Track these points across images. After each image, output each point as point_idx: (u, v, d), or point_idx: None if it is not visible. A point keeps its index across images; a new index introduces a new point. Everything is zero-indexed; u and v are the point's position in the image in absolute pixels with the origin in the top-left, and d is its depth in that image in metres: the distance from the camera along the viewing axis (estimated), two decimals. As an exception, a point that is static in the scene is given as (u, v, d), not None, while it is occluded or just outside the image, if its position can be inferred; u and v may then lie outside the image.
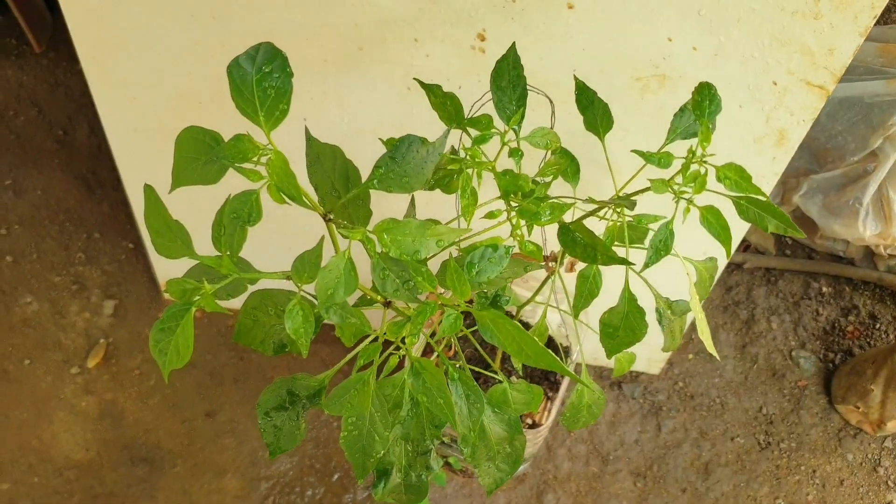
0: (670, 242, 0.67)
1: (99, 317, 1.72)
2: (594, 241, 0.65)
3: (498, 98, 0.69)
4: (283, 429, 0.80)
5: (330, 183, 0.75)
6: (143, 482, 1.58)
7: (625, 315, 0.74)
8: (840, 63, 0.99)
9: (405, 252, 0.58)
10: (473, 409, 0.68)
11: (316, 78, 1.13)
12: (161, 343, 0.61)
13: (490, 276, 0.63)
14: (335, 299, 0.59)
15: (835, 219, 1.72)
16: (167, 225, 0.62)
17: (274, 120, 0.55)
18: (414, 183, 0.60)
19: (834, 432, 1.67)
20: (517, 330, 0.60)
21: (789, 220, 0.65)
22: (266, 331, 0.84)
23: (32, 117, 1.92)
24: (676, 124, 0.71)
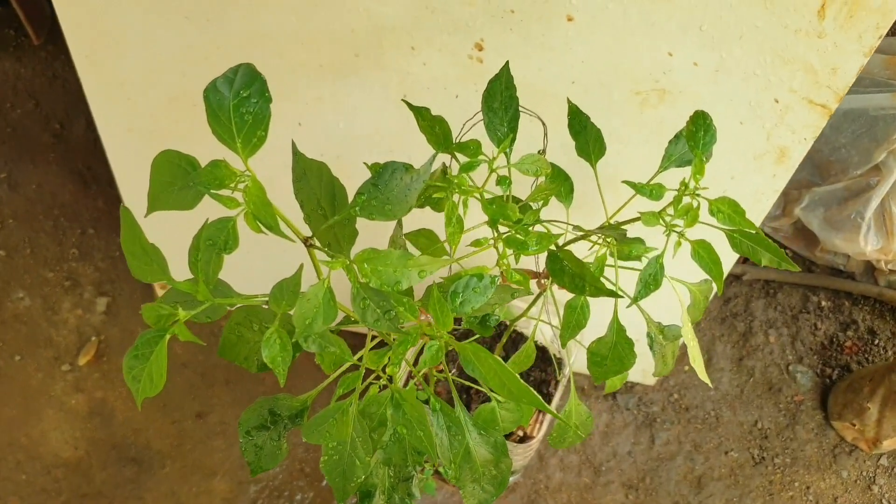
0: (660, 277, 0.65)
1: (91, 314, 1.71)
2: (583, 271, 0.63)
3: (489, 119, 0.68)
4: (265, 448, 0.79)
5: (316, 200, 0.73)
6: (132, 483, 1.57)
7: (613, 345, 0.73)
8: (843, 82, 0.97)
9: (386, 283, 0.57)
10: (454, 441, 0.66)
11: (311, 83, 1.12)
12: (134, 370, 0.59)
13: (474, 306, 0.61)
14: (314, 329, 0.57)
15: (836, 232, 1.70)
16: (143, 248, 0.60)
17: (251, 147, 0.53)
18: (397, 210, 0.59)
19: (829, 449, 1.66)
20: (499, 365, 0.58)
21: (783, 255, 0.64)
22: (250, 347, 0.82)
23: (29, 110, 1.91)
24: (671, 151, 0.69)
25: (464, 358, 0.61)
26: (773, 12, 0.90)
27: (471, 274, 0.62)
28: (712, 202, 0.64)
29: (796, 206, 1.74)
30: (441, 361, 0.62)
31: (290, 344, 0.63)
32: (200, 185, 0.54)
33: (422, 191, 0.74)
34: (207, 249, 0.57)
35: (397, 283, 0.56)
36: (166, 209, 0.56)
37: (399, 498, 0.80)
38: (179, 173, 0.56)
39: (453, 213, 0.61)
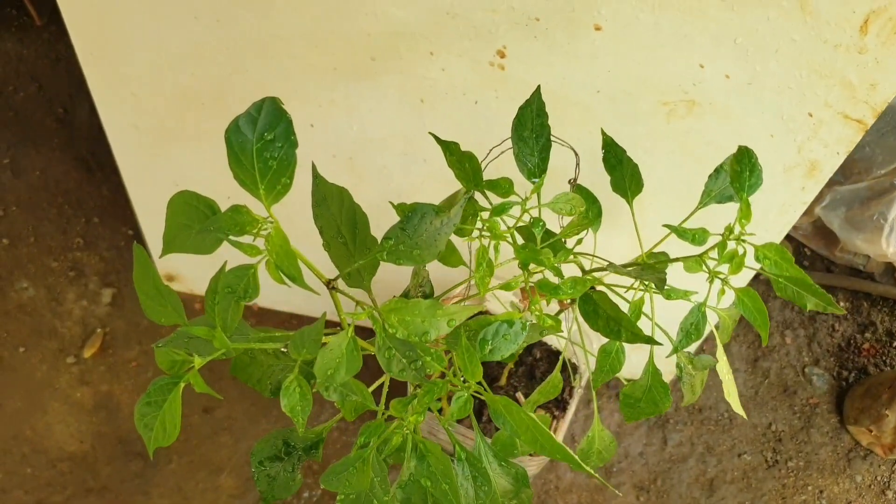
0: (702, 327, 0.62)
1: (96, 305, 1.68)
2: (619, 315, 0.60)
3: (519, 149, 0.64)
4: (278, 479, 0.77)
5: (336, 227, 0.70)
6: (138, 478, 1.56)
7: (647, 389, 0.70)
8: (882, 98, 0.93)
9: (413, 333, 0.53)
10: (480, 492, 0.64)
11: (324, 85, 1.07)
12: (147, 418, 0.56)
13: (504, 354, 0.58)
14: (335, 380, 0.54)
15: (857, 233, 1.66)
16: (157, 289, 0.57)
17: (275, 194, 0.50)
18: (426, 255, 0.55)
19: (843, 453, 1.64)
20: (531, 421, 0.55)
21: (830, 299, 0.61)
22: (263, 370, 0.79)
23: (32, 93, 1.86)
24: (711, 187, 0.66)
25: (494, 411, 0.58)
26: (813, 27, 0.86)
27: (501, 320, 0.59)
28: (758, 248, 0.61)
29: (817, 205, 1.70)
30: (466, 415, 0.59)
31: (310, 393, 0.60)
32: (220, 232, 0.50)
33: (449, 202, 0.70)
34: (226, 297, 0.54)
35: (425, 333, 0.54)
36: (183, 252, 0.53)
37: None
38: (197, 216, 0.53)
39: (483, 257, 0.58)
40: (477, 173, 0.60)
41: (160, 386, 0.55)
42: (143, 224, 1.53)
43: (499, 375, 1.29)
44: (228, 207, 0.51)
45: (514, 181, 0.61)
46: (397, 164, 1.18)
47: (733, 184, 0.60)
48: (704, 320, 0.62)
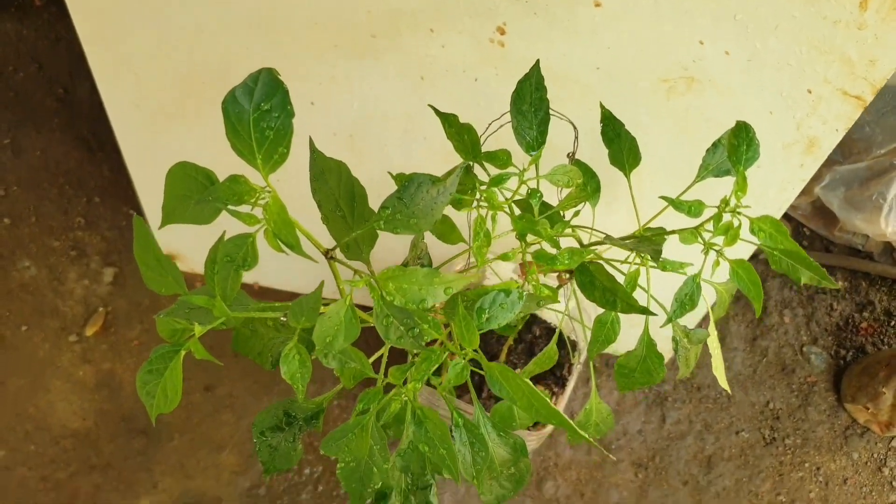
0: (697, 297, 0.62)
1: (98, 284, 1.69)
2: (614, 286, 0.60)
3: (518, 123, 0.64)
4: (279, 449, 0.78)
5: (334, 200, 0.70)
6: (140, 454, 1.57)
7: (642, 359, 0.70)
8: (881, 75, 0.93)
9: (411, 301, 0.54)
10: (477, 457, 0.64)
11: (325, 63, 1.08)
12: (148, 385, 0.57)
13: (501, 322, 0.59)
14: (334, 347, 0.55)
15: (856, 213, 1.66)
16: (157, 259, 0.57)
17: (272, 163, 0.50)
18: (422, 224, 0.56)
19: (840, 430, 1.65)
20: (527, 387, 0.56)
21: (823, 273, 0.61)
22: (264, 343, 0.80)
23: (32, 73, 1.86)
24: (708, 161, 0.66)
25: (491, 378, 0.59)
26: (813, 3, 0.86)
27: (498, 289, 0.59)
28: (754, 221, 0.62)
29: (817, 185, 1.70)
30: (463, 381, 0.60)
31: (309, 360, 0.61)
32: (219, 202, 0.51)
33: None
34: (225, 266, 0.55)
35: (422, 301, 0.54)
36: (182, 223, 0.54)
37: (416, 500, 0.79)
38: (196, 187, 0.53)
39: (481, 227, 0.58)
40: (475, 145, 0.61)
41: (161, 354, 0.56)
42: (144, 203, 1.54)
43: (498, 352, 1.30)
44: (227, 177, 0.52)
45: (512, 154, 0.61)
46: (397, 142, 1.18)
47: (730, 157, 0.60)
48: (699, 291, 0.62)
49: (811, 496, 1.60)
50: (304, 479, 1.57)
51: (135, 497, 1.54)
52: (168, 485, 1.55)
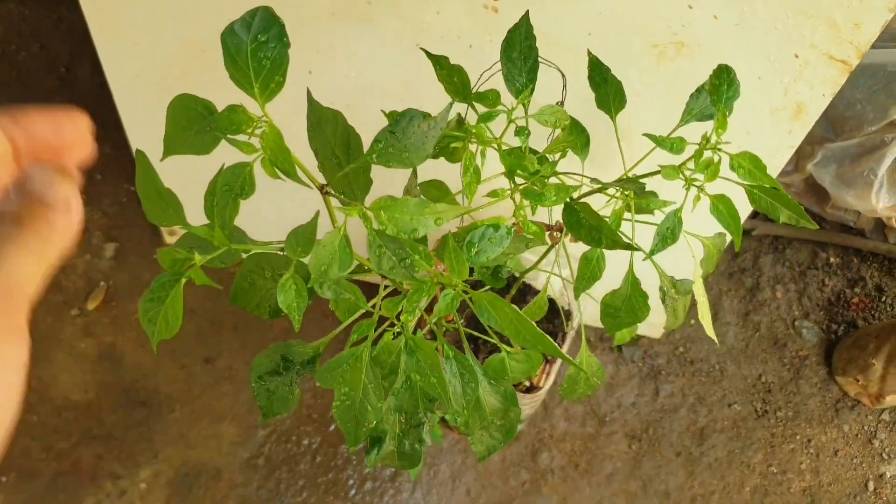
0: (678, 231, 0.65)
1: (100, 259, 1.71)
2: (600, 223, 0.63)
3: (508, 70, 0.67)
4: (277, 393, 0.80)
5: (330, 149, 0.73)
6: (141, 425, 1.59)
7: (627, 297, 0.73)
8: (865, 39, 0.95)
9: (402, 230, 0.56)
10: (467, 388, 0.67)
11: (323, 31, 1.10)
12: (150, 312, 0.59)
13: (490, 255, 0.61)
14: (329, 276, 0.57)
15: (848, 189, 1.68)
16: (158, 192, 0.60)
17: (269, 92, 0.52)
18: (414, 158, 0.58)
19: (832, 403, 1.67)
20: (514, 313, 0.58)
21: (801, 211, 0.64)
22: (262, 294, 0.82)
23: (34, 53, 1.88)
24: (692, 105, 0.68)
25: (479, 306, 0.61)
26: (798, -36, 0.88)
27: (487, 224, 0.61)
28: (733, 157, 0.64)
29: (809, 162, 1.72)
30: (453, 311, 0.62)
31: (305, 290, 0.63)
32: (217, 131, 0.53)
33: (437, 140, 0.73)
34: (224, 195, 0.57)
35: (413, 230, 0.56)
36: (182, 153, 0.56)
37: (409, 444, 0.81)
38: (195, 118, 0.55)
39: (471, 163, 0.60)
40: (465, 87, 0.63)
41: (163, 283, 0.58)
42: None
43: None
44: (225, 107, 0.54)
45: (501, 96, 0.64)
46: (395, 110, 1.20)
47: (711, 96, 0.63)
48: (680, 225, 0.65)
49: (802, 467, 1.62)
50: (303, 450, 1.59)
51: (136, 467, 1.56)
52: (169, 455, 1.58)
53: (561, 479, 1.59)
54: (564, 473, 1.60)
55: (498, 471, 1.60)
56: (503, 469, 1.60)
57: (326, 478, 1.58)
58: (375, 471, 1.59)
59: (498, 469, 1.60)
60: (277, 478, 1.57)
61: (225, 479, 1.57)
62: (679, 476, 1.60)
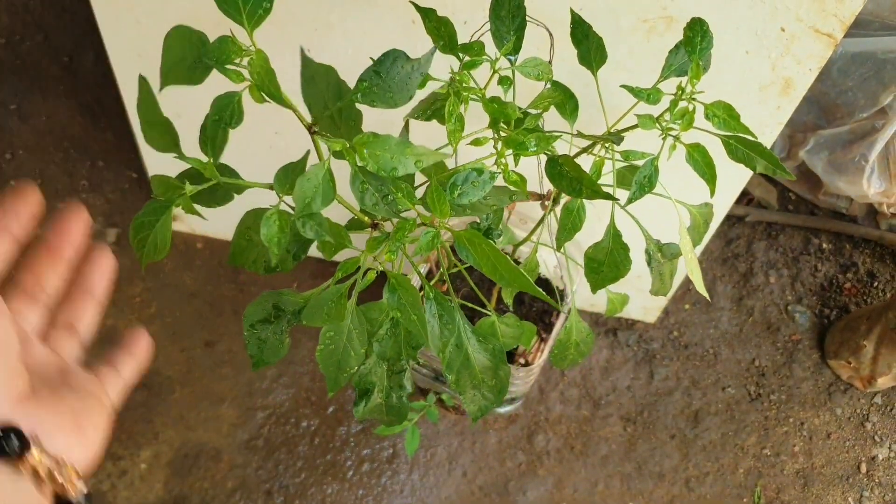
0: (655, 179, 0.67)
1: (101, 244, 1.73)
2: (580, 174, 0.65)
3: (496, 27, 0.69)
4: (268, 342, 0.82)
5: (323, 102, 0.75)
6: (142, 406, 1.61)
7: (609, 251, 0.75)
8: (850, 11, 0.97)
9: (383, 168, 0.58)
10: (445, 330, 0.69)
11: (320, 8, 1.12)
12: (140, 235, 0.62)
13: (472, 199, 0.63)
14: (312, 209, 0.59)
15: (839, 175, 1.71)
16: (157, 118, 0.62)
17: (256, 19, 0.55)
18: (398, 98, 0.60)
19: (824, 387, 1.69)
20: (492, 250, 0.60)
21: (777, 161, 0.66)
22: (259, 250, 0.84)
23: (38, 42, 1.91)
24: (671, 61, 0.71)
25: (459, 244, 0.62)
26: (782, -64, 0.90)
27: (471, 168, 0.64)
28: (708, 106, 0.66)
29: (801, 149, 1.75)
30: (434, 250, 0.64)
31: (288, 226, 0.64)
32: (209, 59, 0.55)
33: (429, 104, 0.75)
34: (214, 125, 0.59)
35: (394, 169, 0.58)
36: (177, 83, 0.58)
37: (396, 396, 0.83)
38: (190, 49, 0.58)
39: (454, 109, 0.62)
40: (452, 38, 0.65)
41: (154, 208, 0.60)
42: (147, 161, 1.58)
43: (489, 299, 1.34)
44: (216, 38, 0.56)
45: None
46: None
47: (686, 47, 0.65)
48: (656, 173, 0.67)
49: (795, 450, 1.64)
50: (301, 432, 1.61)
51: (136, 447, 1.58)
52: (169, 436, 1.59)
53: (556, 460, 1.61)
54: (560, 455, 1.62)
55: (494, 452, 1.61)
56: (499, 451, 1.62)
57: (325, 459, 1.60)
58: (373, 452, 1.61)
59: (494, 451, 1.61)
60: (276, 459, 1.59)
61: (224, 460, 1.59)
62: (673, 458, 1.62)
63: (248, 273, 1.73)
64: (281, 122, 1.34)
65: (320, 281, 1.71)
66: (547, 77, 0.67)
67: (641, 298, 1.64)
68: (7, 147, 1.80)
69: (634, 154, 0.67)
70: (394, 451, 1.61)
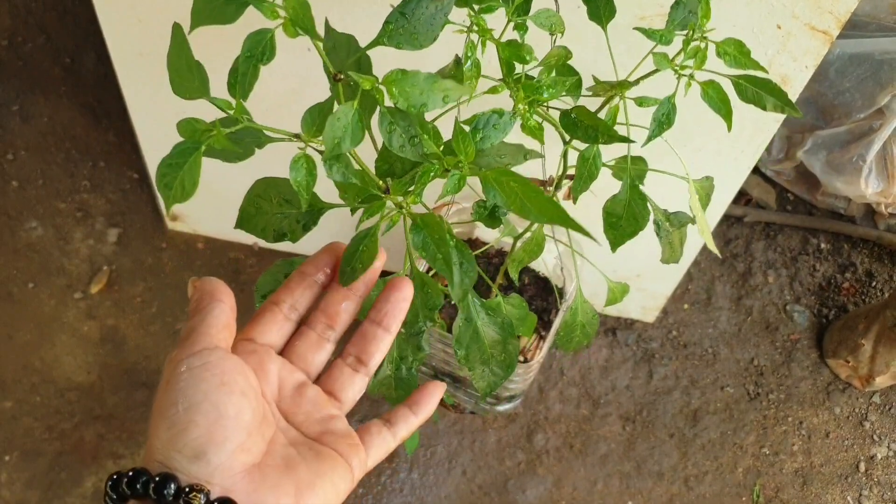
0: (673, 116, 0.69)
1: (103, 244, 1.74)
2: (595, 121, 0.66)
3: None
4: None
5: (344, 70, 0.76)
6: (143, 406, 1.62)
7: (627, 203, 0.76)
8: (845, 8, 0.98)
9: (413, 104, 0.58)
10: (465, 278, 0.69)
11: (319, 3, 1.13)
12: (167, 177, 0.61)
13: (494, 141, 0.63)
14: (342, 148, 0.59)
15: (837, 175, 1.72)
16: (188, 65, 0.62)
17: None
18: (423, 40, 0.61)
19: (823, 386, 1.70)
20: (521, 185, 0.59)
21: (786, 97, 0.67)
22: (267, 219, 0.85)
23: (40, 44, 1.92)
24: (674, 16, 0.72)
25: (485, 184, 0.61)
26: (778, -67, 0.91)
27: (492, 111, 0.64)
28: (719, 44, 0.68)
29: (799, 150, 1.75)
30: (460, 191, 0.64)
31: (315, 169, 0.64)
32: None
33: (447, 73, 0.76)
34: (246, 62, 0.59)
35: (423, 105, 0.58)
36: (209, 23, 0.59)
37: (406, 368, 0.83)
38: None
39: (472, 52, 0.63)
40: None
41: (182, 150, 0.60)
42: (149, 161, 1.59)
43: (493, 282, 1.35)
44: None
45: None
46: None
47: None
48: (674, 110, 0.68)
49: (794, 449, 1.65)
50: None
51: (137, 446, 1.59)
52: (169, 435, 1.60)
53: (556, 459, 1.62)
54: (559, 454, 1.62)
55: (493, 452, 1.62)
56: (499, 450, 1.62)
57: (324, 458, 1.60)
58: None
59: (494, 450, 1.62)
60: (276, 458, 1.60)
61: (224, 458, 1.59)
62: (672, 457, 1.63)
63: (249, 272, 1.74)
64: (300, 84, 1.35)
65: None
66: (559, 29, 0.68)
67: (641, 298, 1.64)
68: (9, 147, 1.81)
69: (648, 100, 0.69)
70: (393, 451, 1.61)
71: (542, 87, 0.63)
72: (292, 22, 0.54)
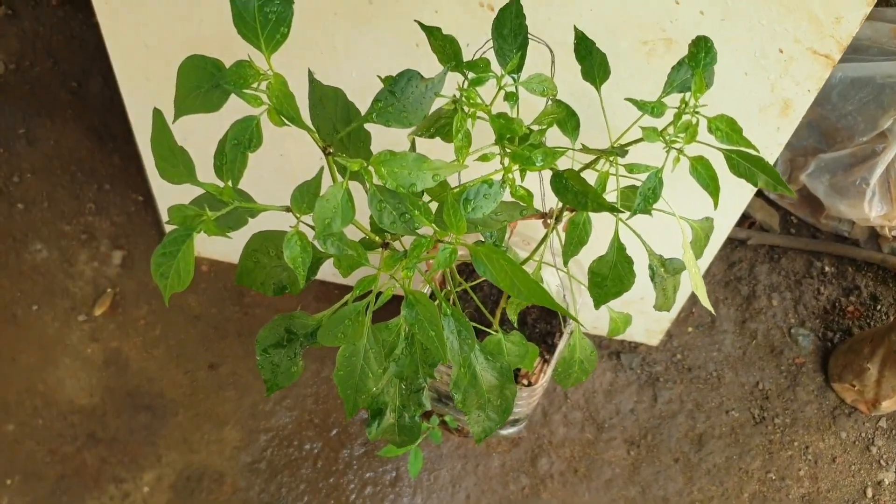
0: (659, 191, 0.68)
1: (107, 266, 1.74)
2: (585, 188, 0.66)
3: (499, 45, 0.70)
4: (281, 366, 0.82)
5: (332, 124, 0.76)
6: (145, 429, 1.61)
7: (613, 264, 0.75)
8: (846, 32, 0.99)
9: (401, 184, 0.59)
10: (464, 345, 0.69)
11: (326, 31, 1.14)
12: (162, 267, 0.62)
13: (485, 211, 0.64)
14: (332, 229, 0.60)
15: (841, 199, 1.72)
16: (171, 150, 0.63)
17: (274, 44, 0.56)
18: (412, 118, 0.61)
19: (829, 410, 1.69)
20: (510, 264, 0.61)
21: (778, 177, 0.66)
22: (267, 272, 0.85)
23: (48, 68, 1.94)
24: (673, 77, 0.72)
25: (476, 259, 0.63)
26: (779, -41, 0.92)
27: (481, 181, 0.64)
28: (711, 119, 0.67)
29: (802, 173, 1.76)
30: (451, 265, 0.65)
31: (309, 245, 0.65)
32: (227, 84, 0.57)
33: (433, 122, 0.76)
34: (233, 149, 0.60)
35: (412, 185, 0.59)
36: (193, 112, 0.59)
37: (409, 416, 0.83)
38: (205, 76, 0.59)
39: (461, 125, 0.63)
40: (457, 55, 0.67)
41: (174, 238, 0.61)
42: (154, 185, 1.60)
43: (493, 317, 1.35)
44: (234, 62, 0.57)
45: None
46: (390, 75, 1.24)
47: (690, 63, 0.66)
48: (661, 185, 0.68)
49: (801, 474, 1.63)
50: (305, 455, 1.61)
51: (139, 470, 1.58)
52: (172, 458, 1.59)
53: (560, 484, 1.61)
54: (563, 479, 1.61)
55: (497, 476, 1.61)
56: (503, 474, 1.61)
57: (328, 482, 1.59)
58: (376, 475, 1.60)
59: (497, 474, 1.61)
60: (279, 482, 1.59)
61: (227, 483, 1.58)
62: (678, 482, 1.61)
63: (253, 295, 1.74)
64: (287, 145, 1.35)
65: (325, 304, 1.71)
66: (552, 92, 0.68)
67: (644, 321, 1.64)
68: (15, 170, 1.82)
69: (638, 167, 0.68)
70: (397, 474, 1.61)
71: (533, 158, 0.63)
72: (276, 111, 0.54)
